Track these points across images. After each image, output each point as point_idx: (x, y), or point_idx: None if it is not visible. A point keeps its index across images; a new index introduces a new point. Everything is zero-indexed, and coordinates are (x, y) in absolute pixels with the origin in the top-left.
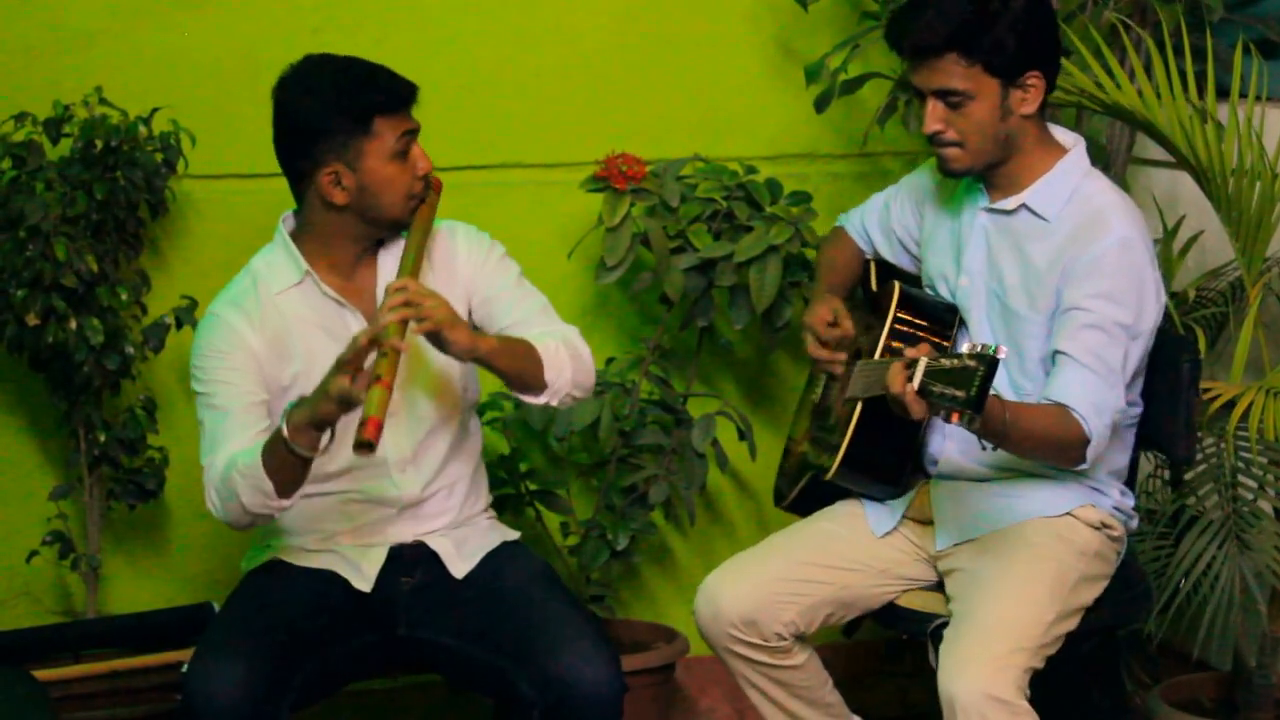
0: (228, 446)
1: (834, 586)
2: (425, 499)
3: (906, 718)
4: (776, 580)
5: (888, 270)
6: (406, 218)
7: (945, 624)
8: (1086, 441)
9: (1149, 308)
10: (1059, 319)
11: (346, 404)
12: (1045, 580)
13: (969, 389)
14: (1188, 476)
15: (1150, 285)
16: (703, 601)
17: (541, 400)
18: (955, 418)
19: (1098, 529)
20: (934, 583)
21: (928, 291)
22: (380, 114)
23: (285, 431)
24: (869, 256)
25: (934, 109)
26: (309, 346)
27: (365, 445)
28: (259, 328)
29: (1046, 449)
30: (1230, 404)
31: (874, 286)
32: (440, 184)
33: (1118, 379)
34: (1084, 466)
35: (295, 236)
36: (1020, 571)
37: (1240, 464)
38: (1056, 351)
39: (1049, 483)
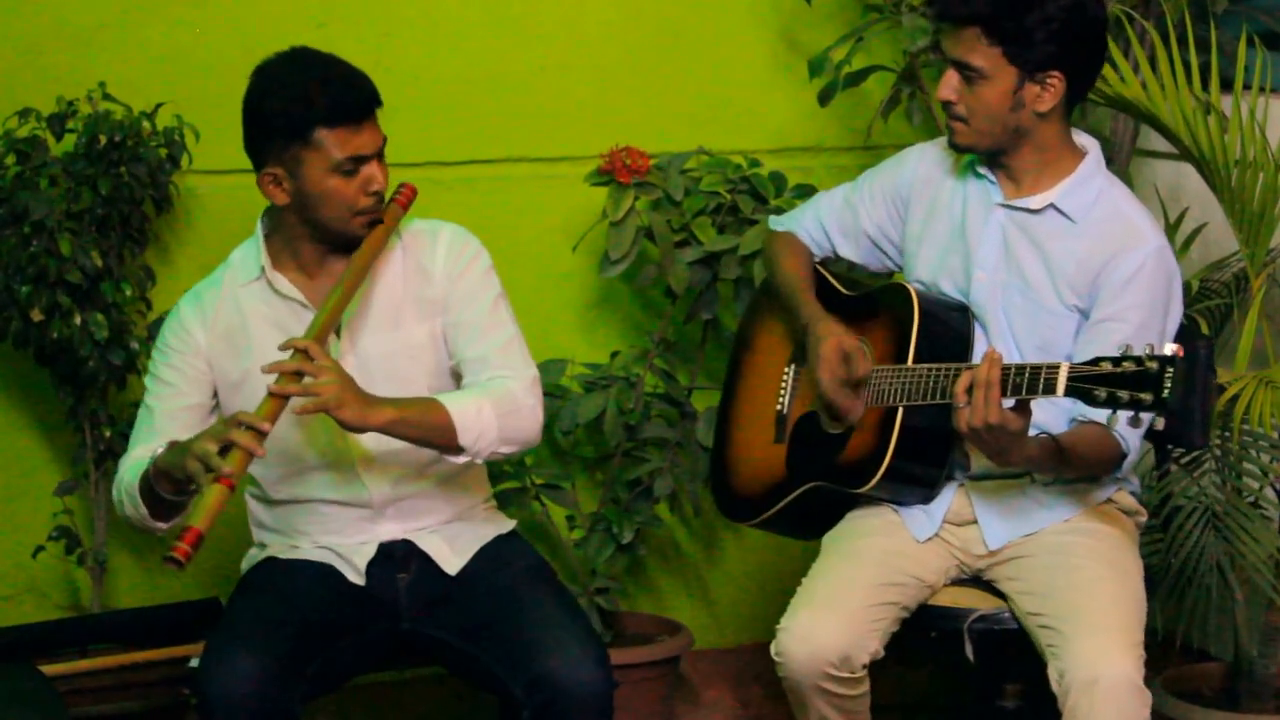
0: (138, 449)
1: (898, 606)
2: (402, 498)
3: (906, 707)
4: (864, 609)
5: (838, 275)
6: (355, 233)
7: (982, 618)
8: (1124, 456)
9: (1175, 314)
10: (1091, 329)
11: (191, 482)
12: (1134, 569)
13: (1159, 390)
14: (1184, 462)
15: (1178, 292)
16: (796, 644)
17: (462, 460)
18: (1115, 420)
19: (1131, 515)
20: (965, 579)
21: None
22: (322, 125)
23: (150, 468)
24: (819, 260)
25: (949, 77)
26: (262, 342)
27: (172, 560)
28: (212, 323)
29: (1089, 469)
30: (1229, 393)
31: (844, 291)
32: (412, 192)
33: None
34: (1119, 475)
35: (268, 235)
36: (1112, 560)
37: (1246, 457)
38: None
39: None
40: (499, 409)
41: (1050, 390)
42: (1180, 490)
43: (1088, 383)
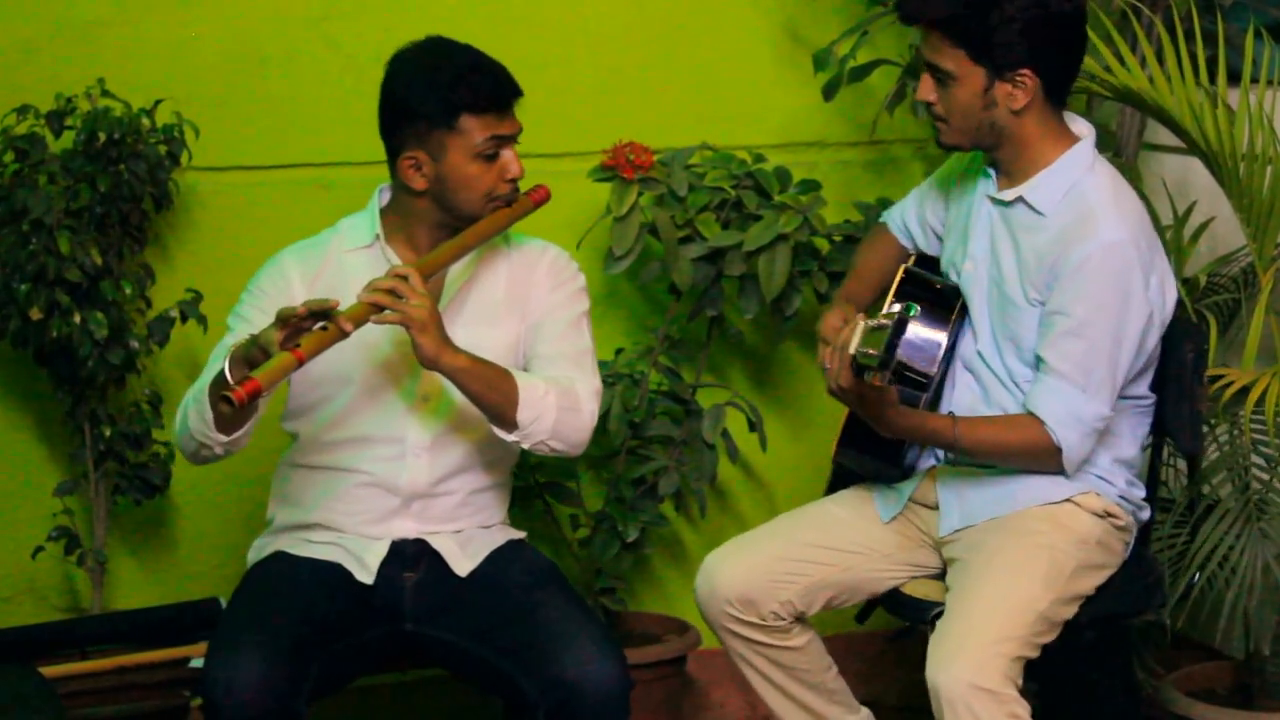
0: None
1: (835, 569)
2: (434, 496)
3: (914, 706)
4: (775, 559)
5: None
6: (484, 215)
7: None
8: (1058, 451)
9: (1134, 312)
10: (1043, 321)
11: (264, 351)
12: (1039, 567)
13: (880, 346)
14: (1204, 464)
15: (1137, 288)
16: (701, 579)
17: (511, 438)
18: (876, 379)
19: (1101, 517)
20: (939, 570)
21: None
22: (468, 112)
23: (226, 362)
24: (911, 252)
25: (925, 79)
26: None
27: (225, 400)
28: (312, 279)
29: (1012, 459)
30: (1244, 391)
31: (899, 275)
32: (546, 194)
33: (1101, 387)
34: (1067, 473)
35: (383, 209)
36: (1012, 559)
37: (1256, 452)
38: (1038, 356)
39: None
40: (561, 402)
41: (847, 348)
42: (1210, 490)
43: (863, 340)
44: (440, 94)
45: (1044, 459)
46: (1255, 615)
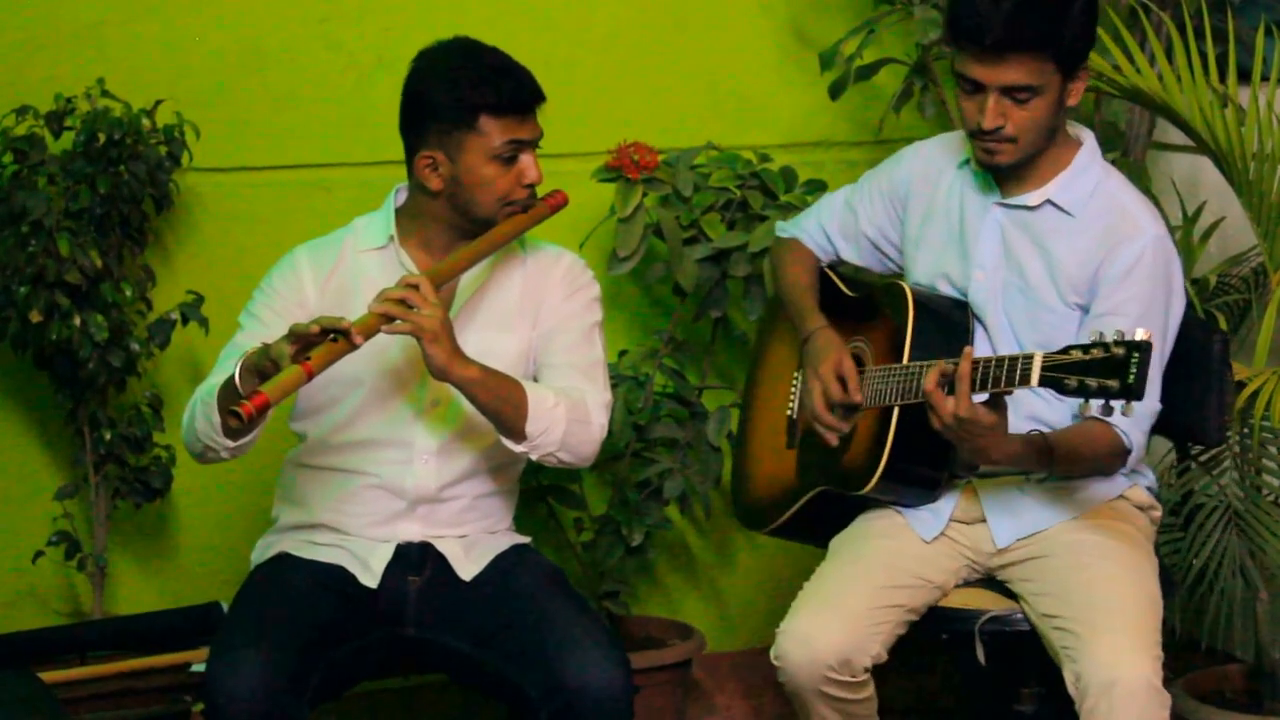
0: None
1: (904, 608)
2: (440, 501)
3: (920, 709)
4: (865, 611)
5: (844, 276)
6: (499, 220)
7: (994, 619)
8: (1127, 452)
9: (1178, 305)
10: (1091, 323)
11: (274, 363)
12: (1148, 567)
13: (1124, 377)
14: (1204, 459)
15: (1178, 281)
16: (794, 646)
17: (520, 449)
18: (1087, 410)
19: (1144, 510)
20: (973, 581)
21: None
22: (488, 113)
23: (236, 370)
24: (825, 264)
25: (994, 106)
26: None
27: (233, 414)
28: (324, 279)
29: (1086, 466)
30: (1255, 392)
31: (848, 292)
32: (563, 200)
33: (1154, 382)
34: (1124, 471)
35: (398, 209)
36: (1121, 556)
37: (1266, 456)
38: None
39: None
40: (571, 414)
41: (1025, 380)
42: (1201, 488)
43: (1060, 371)
44: (461, 93)
45: (1116, 462)
46: (1265, 618)
